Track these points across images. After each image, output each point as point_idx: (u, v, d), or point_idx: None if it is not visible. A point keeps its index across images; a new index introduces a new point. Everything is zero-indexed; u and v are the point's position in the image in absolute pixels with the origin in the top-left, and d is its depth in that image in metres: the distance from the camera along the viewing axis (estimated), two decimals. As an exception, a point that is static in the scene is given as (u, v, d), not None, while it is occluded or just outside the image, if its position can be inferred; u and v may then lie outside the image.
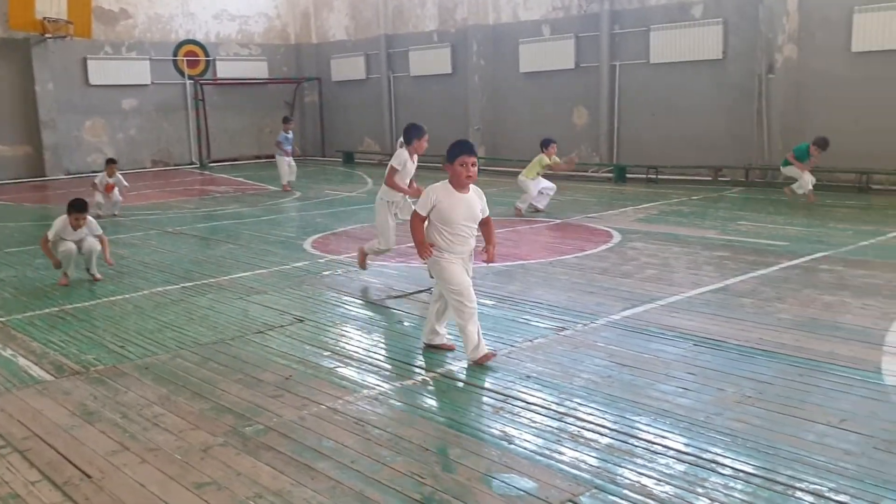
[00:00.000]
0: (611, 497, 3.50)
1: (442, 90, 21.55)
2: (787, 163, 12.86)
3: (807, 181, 12.54)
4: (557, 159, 12.92)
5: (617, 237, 10.06)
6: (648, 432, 4.21)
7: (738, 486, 3.59)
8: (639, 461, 3.87)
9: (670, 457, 3.91)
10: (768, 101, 15.06)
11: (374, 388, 4.94)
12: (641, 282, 7.57)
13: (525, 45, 19.21)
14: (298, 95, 25.74)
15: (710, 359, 5.32)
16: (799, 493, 3.50)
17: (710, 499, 3.47)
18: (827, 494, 3.48)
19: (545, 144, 12.85)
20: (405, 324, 6.42)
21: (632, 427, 4.28)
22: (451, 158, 5.21)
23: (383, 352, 5.75)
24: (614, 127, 17.95)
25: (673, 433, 4.19)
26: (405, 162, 7.92)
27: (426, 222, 5.35)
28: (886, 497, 3.43)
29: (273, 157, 17.70)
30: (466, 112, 20.59)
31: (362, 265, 8.16)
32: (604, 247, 9.46)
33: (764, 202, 13.08)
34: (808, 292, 7.03)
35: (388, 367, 5.39)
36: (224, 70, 23.98)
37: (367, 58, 23.74)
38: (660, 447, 4.03)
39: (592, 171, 18.21)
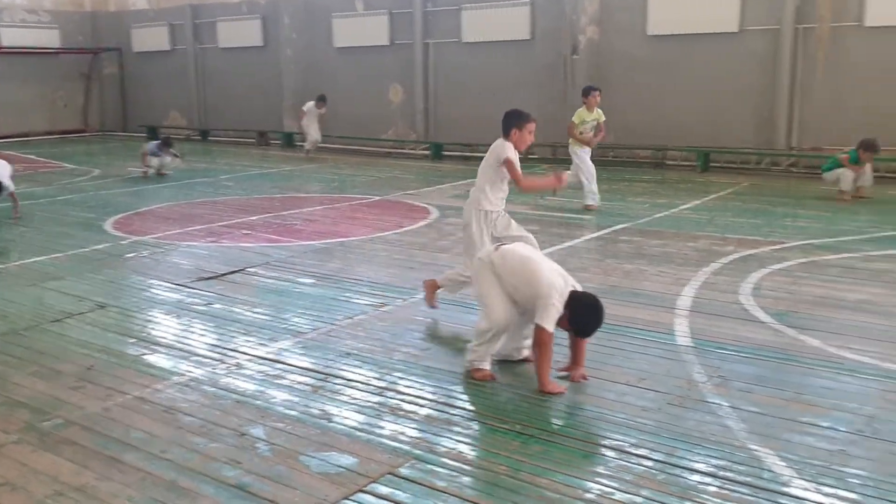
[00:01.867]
0: (429, 466, 3.57)
1: (253, 63, 20.90)
2: (834, 166, 11.20)
3: (848, 178, 10.90)
4: (600, 114, 10.16)
5: (435, 213, 10.22)
6: (466, 401, 4.33)
7: (546, 446, 3.76)
8: (456, 429, 3.97)
9: (485, 423, 4.04)
10: (573, 81, 15.76)
11: (184, 375, 4.73)
12: (459, 256, 7.72)
13: (338, 20, 18.99)
14: (97, 67, 24.08)
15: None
16: (603, 450, 3.73)
17: (510, 456, 3.62)
18: (628, 449, 3.72)
19: (586, 92, 10.08)
20: (216, 306, 6.19)
21: (450, 397, 4.37)
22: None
23: (195, 337, 5.51)
24: (430, 105, 18.16)
25: (489, 400, 4.33)
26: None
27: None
28: (680, 448, 3.72)
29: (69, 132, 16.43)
30: (280, 86, 20.11)
31: (431, 301, 5.91)
32: (422, 223, 9.59)
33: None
34: (609, 262, 7.48)
35: (200, 352, 5.18)
36: (9, 38, 21.96)
37: (171, 28, 22.56)
38: (475, 414, 4.15)
39: (409, 149, 18.37)
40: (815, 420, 4.01)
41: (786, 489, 3.35)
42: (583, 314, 4.42)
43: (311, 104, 17.10)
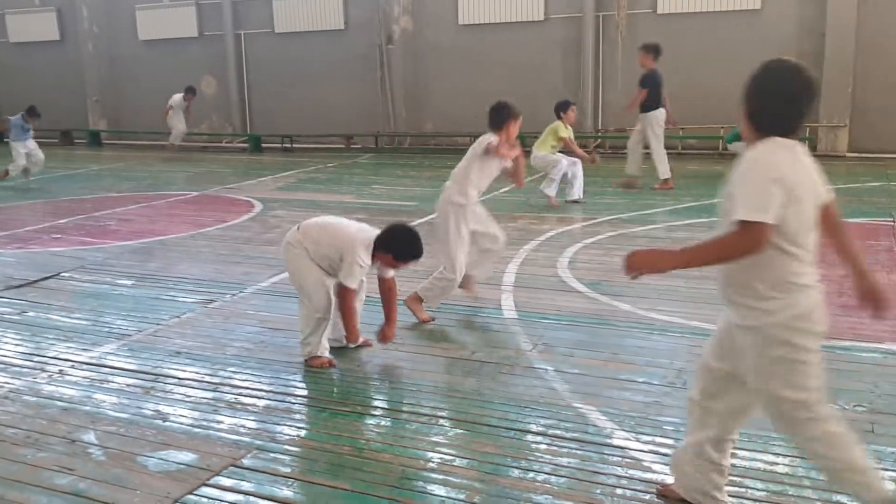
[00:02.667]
0: (272, 454, 3.57)
1: (51, 59, 19.56)
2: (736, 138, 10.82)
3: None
4: (569, 132, 9.75)
5: (258, 206, 10.05)
6: (304, 389, 4.35)
7: (388, 424, 3.87)
8: (297, 417, 3.99)
9: (324, 408, 4.08)
10: (390, 70, 15.94)
11: (2, 388, 4.43)
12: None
13: (142, 12, 18.14)
14: None
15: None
16: (442, 421, 3.88)
17: (365, 438, 3.70)
18: (464, 419, 3.89)
19: (562, 108, 9.73)
20: (29, 314, 5.82)
21: (288, 386, 4.37)
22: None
23: (9, 347, 5.15)
24: (245, 97, 17.75)
25: (326, 385, 4.37)
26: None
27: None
28: (512, 412, 3.93)
29: None
30: (83, 83, 18.94)
31: (421, 315, 5.40)
32: (246, 216, 9.40)
33: (393, 166, 13.91)
34: (438, 245, 7.67)
35: (17, 362, 4.85)
36: None
37: (-48, 21, 20.66)
38: (314, 400, 4.18)
39: (227, 142, 17.88)
40: (632, 377, 4.36)
41: (609, 441, 3.63)
42: (399, 239, 4.46)
43: (177, 97, 16.07)
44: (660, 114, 10.55)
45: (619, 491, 3.22)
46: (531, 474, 3.36)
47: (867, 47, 12.86)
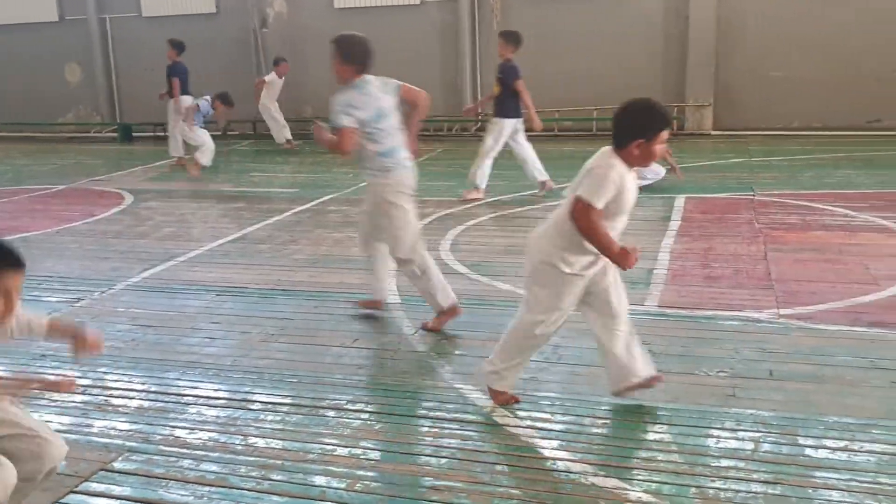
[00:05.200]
0: (145, 455, 3.45)
1: None
2: None
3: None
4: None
5: (129, 198, 9.64)
6: (178, 386, 4.21)
7: (269, 417, 3.80)
8: (171, 415, 3.86)
9: (201, 405, 3.98)
10: (265, 55, 15.57)
11: None
12: (160, 241, 7.41)
13: (-5, -6, 17.01)
14: None
15: (234, 305, 5.48)
16: (322, 411, 3.84)
17: (242, 434, 3.63)
18: (346, 406, 3.87)
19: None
20: None
21: (161, 384, 4.23)
22: (649, 133, 3.37)
23: None
24: (113, 84, 16.98)
25: (202, 382, 4.25)
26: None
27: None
28: (394, 397, 3.94)
29: None
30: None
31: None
32: (115, 209, 9.01)
33: (272, 153, 13.62)
34: (319, 232, 7.59)
35: None
36: None
37: None
38: (190, 397, 4.06)
39: (95, 132, 17.06)
40: (510, 355, 4.44)
41: (489, 419, 3.70)
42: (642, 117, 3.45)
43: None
44: (509, 124, 8.88)
45: (497, 467, 3.28)
46: (412, 458, 3.39)
47: (728, 30, 13.47)
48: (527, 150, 9.08)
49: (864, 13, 12.82)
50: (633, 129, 3.39)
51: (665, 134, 3.40)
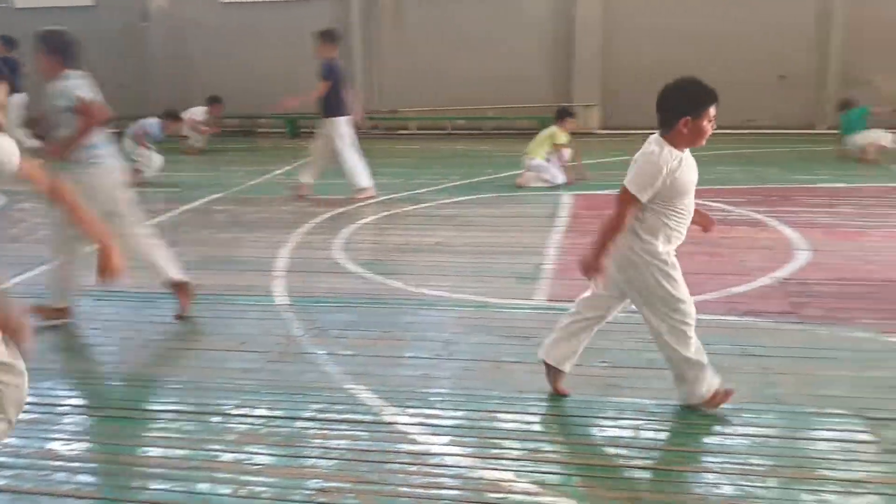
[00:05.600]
0: (15, 471, 3.26)
1: None
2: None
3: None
4: (567, 140, 9.51)
5: (1, 199, 9.12)
6: (53, 396, 4.01)
7: (151, 425, 3.68)
8: (44, 427, 3.67)
9: (77, 415, 3.81)
10: (147, 49, 15.07)
11: None
12: (33, 244, 7.05)
13: None
14: None
15: (114, 310, 5.27)
16: (207, 416, 3.73)
17: (122, 444, 3.49)
18: (229, 411, 3.77)
19: (563, 115, 9.60)
20: None
21: (34, 394, 3.99)
22: (695, 109, 3.33)
23: None
24: (-16, 80, 16.05)
25: (79, 390, 4.08)
26: None
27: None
28: (281, 401, 3.87)
29: None
30: None
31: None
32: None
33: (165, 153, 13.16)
34: (204, 233, 7.40)
35: None
36: None
37: None
38: (66, 407, 3.89)
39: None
40: (401, 352, 4.44)
41: (379, 418, 3.68)
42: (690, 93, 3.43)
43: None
44: (343, 121, 8.81)
45: (386, 466, 3.27)
46: (300, 460, 3.33)
47: (613, 31, 13.89)
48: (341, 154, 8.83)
49: (744, 21, 13.47)
50: (678, 107, 3.33)
51: (713, 110, 3.33)
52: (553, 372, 3.81)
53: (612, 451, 3.33)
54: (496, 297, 5.30)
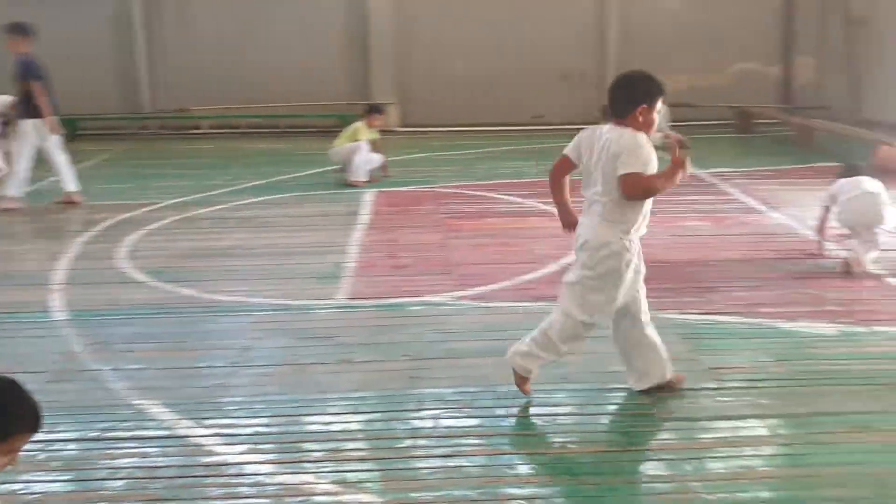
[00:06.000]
0: None
1: None
2: None
3: None
4: (377, 135, 9.61)
5: None
6: None
7: None
8: None
9: None
10: None
11: None
12: None
13: None
14: None
15: None
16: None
17: None
18: (2, 439, 3.44)
19: (371, 111, 9.72)
20: None
21: None
22: (650, 99, 3.39)
23: None
24: None
25: None
26: None
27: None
28: (62, 423, 3.56)
29: None
30: None
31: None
32: None
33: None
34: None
35: None
36: None
37: None
38: None
39: None
40: (195, 363, 4.24)
41: (171, 433, 3.49)
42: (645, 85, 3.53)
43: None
44: (44, 123, 7.94)
45: (179, 481, 3.11)
46: (85, 484, 3.11)
47: (406, 30, 14.10)
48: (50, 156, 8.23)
49: (530, 20, 14.11)
50: (636, 96, 3.37)
51: (661, 101, 3.43)
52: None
53: (412, 442, 3.36)
54: (296, 298, 5.20)
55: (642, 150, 3.31)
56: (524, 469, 3.12)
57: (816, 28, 14.54)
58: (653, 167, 3.33)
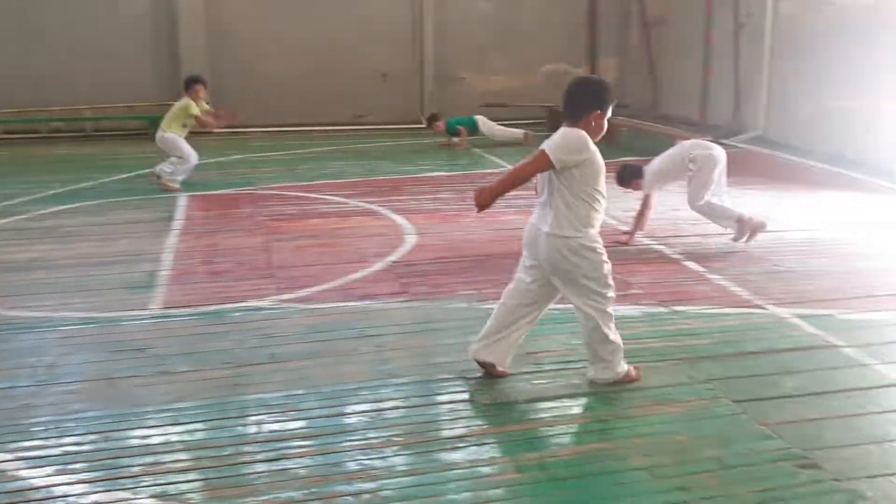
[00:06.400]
0: None
1: None
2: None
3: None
4: (207, 107, 9.14)
5: None
6: None
7: None
8: None
9: None
10: None
11: None
12: None
13: None
14: None
15: None
16: None
17: None
18: None
19: (191, 83, 8.96)
20: None
21: None
22: (604, 104, 3.60)
23: None
24: None
25: None
26: None
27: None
28: None
29: None
30: None
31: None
32: None
33: None
34: None
35: None
36: None
37: None
38: None
39: None
40: (-6, 384, 3.93)
41: (-33, 461, 3.22)
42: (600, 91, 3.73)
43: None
44: None
45: (-25, 515, 2.88)
46: None
47: (218, 30, 13.69)
48: None
49: (349, 19, 14.12)
50: (592, 100, 3.52)
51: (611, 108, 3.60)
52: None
53: (236, 449, 3.28)
54: (106, 310, 4.93)
55: (575, 144, 3.50)
56: (351, 466, 3.12)
57: (618, 30, 15.52)
58: (576, 161, 3.49)
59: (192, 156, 8.93)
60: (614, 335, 3.71)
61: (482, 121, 12.15)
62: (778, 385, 3.84)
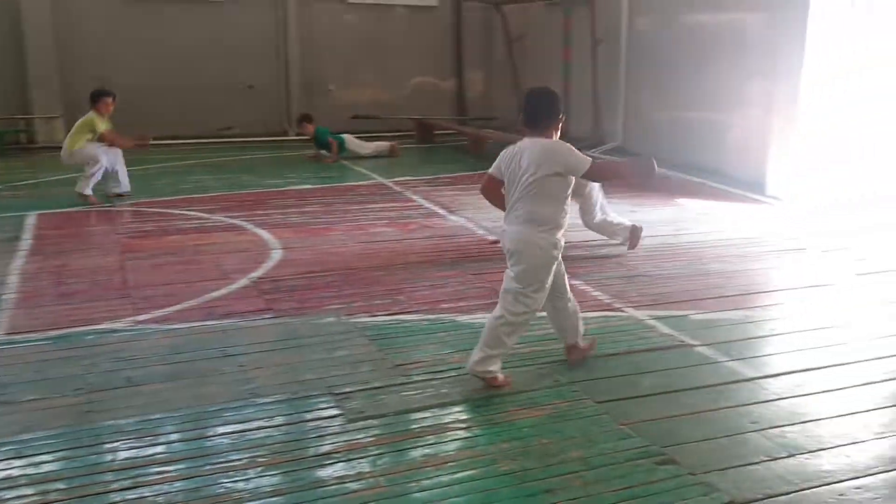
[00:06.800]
0: None
1: None
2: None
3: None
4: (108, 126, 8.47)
5: None
6: None
7: None
8: None
9: None
10: None
11: None
12: None
13: None
14: None
15: None
16: None
17: None
18: None
19: (98, 96, 8.43)
20: None
21: None
22: (561, 112, 3.93)
23: None
24: None
25: None
26: None
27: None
28: None
29: None
30: None
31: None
32: None
33: None
34: None
35: None
36: None
37: None
38: None
39: None
40: None
41: None
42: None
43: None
44: None
45: None
46: None
47: (69, 41, 13.04)
48: None
49: (214, 30, 13.74)
50: (555, 110, 3.84)
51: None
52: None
53: (88, 480, 3.07)
54: (-60, 338, 4.56)
55: (571, 150, 3.76)
56: (214, 490, 2.99)
57: (482, 45, 15.84)
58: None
59: (103, 157, 8.43)
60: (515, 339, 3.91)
61: (349, 139, 12.09)
62: (636, 385, 3.97)
